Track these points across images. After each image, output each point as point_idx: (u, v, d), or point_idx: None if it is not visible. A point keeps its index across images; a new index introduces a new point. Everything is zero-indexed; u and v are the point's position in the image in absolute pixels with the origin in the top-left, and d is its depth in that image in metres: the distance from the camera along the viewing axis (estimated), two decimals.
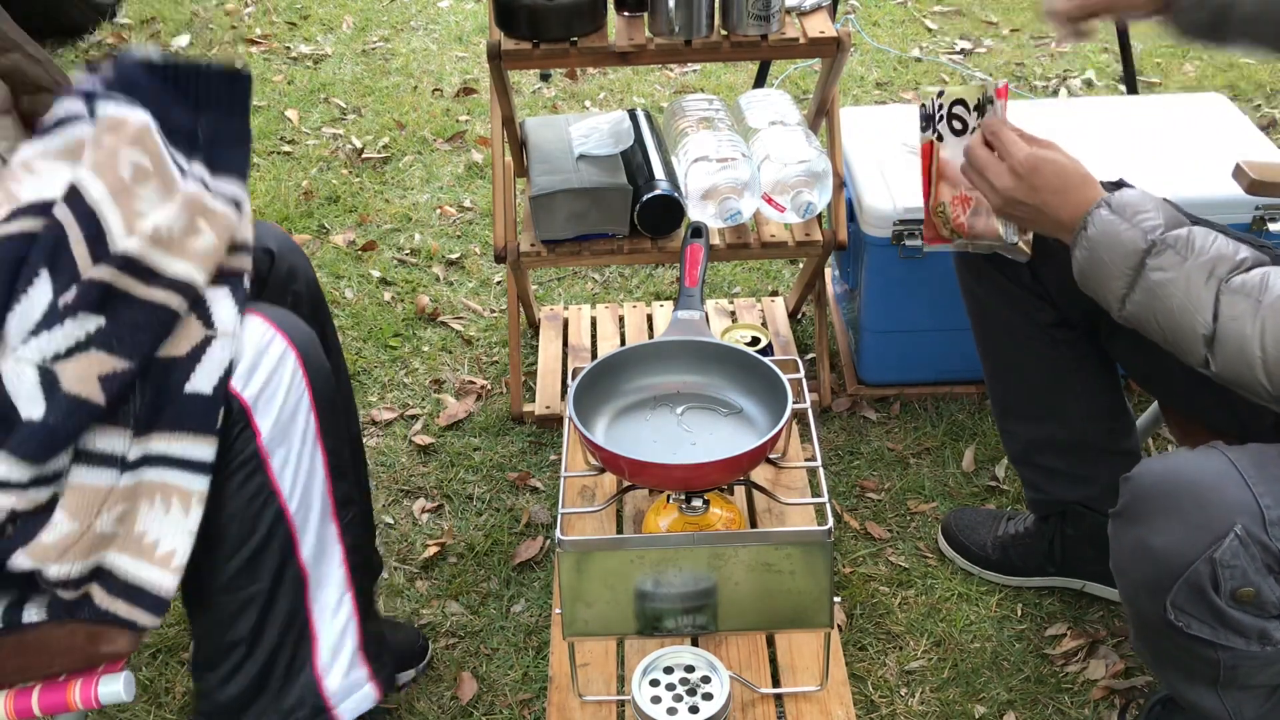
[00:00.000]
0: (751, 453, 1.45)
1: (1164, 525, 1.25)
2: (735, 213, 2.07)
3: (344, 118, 3.53)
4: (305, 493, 1.32)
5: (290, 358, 1.29)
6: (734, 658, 1.58)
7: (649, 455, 1.49)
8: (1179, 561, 1.24)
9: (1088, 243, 1.35)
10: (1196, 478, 1.25)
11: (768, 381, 1.55)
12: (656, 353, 1.63)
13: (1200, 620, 1.27)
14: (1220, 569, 1.22)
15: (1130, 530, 1.29)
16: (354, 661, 1.40)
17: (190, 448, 1.21)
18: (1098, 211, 1.35)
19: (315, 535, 1.34)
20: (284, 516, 1.30)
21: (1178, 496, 1.25)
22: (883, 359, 2.36)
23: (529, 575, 2.02)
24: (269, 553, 1.30)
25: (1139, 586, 1.30)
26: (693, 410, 1.60)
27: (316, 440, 1.33)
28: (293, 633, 1.35)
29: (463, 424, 2.36)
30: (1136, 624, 1.38)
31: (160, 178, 1.25)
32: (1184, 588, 1.24)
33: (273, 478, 1.28)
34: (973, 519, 2.01)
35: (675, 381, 1.63)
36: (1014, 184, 1.41)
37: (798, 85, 3.66)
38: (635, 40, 1.95)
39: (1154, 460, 1.31)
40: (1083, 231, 1.36)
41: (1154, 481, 1.28)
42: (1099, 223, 1.34)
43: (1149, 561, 1.27)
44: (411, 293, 2.74)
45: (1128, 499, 1.30)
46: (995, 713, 1.76)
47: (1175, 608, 1.26)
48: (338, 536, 1.37)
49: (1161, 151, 2.27)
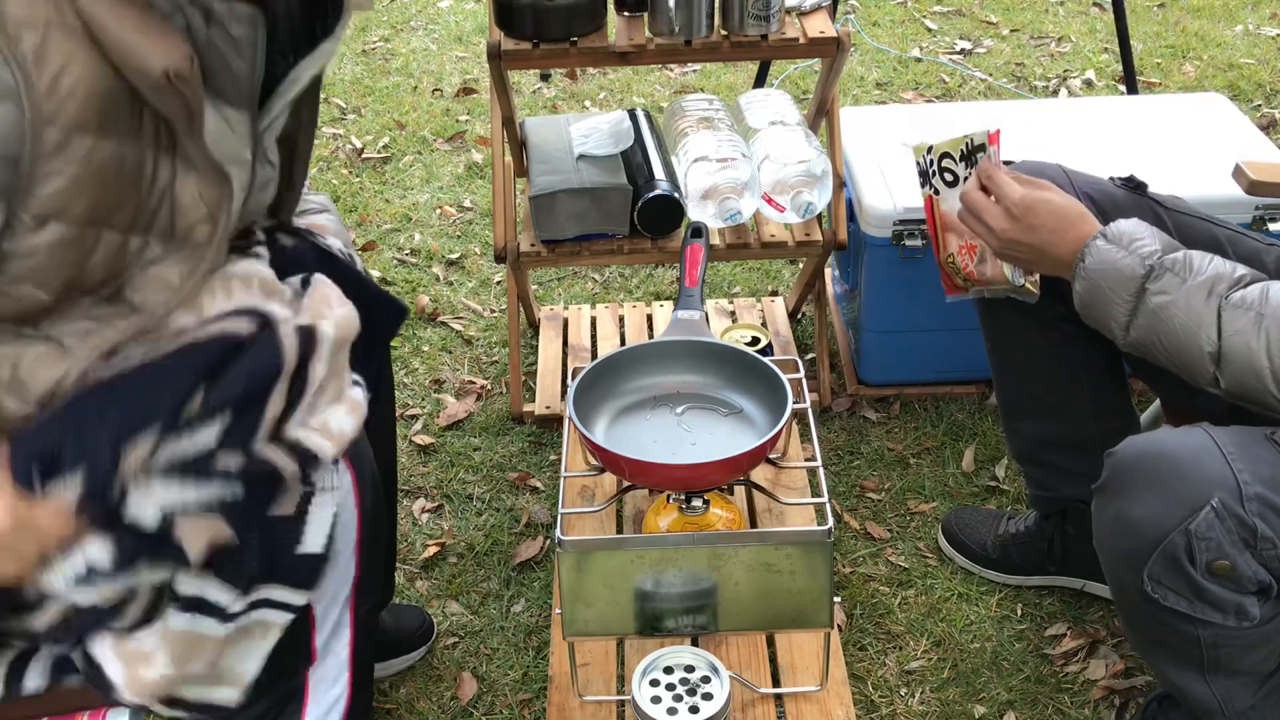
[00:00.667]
0: (751, 453, 1.45)
1: (1143, 497, 1.27)
2: (735, 213, 2.07)
3: (344, 118, 3.53)
4: (334, 596, 1.29)
5: (347, 484, 1.24)
6: (734, 658, 1.58)
7: (649, 455, 1.49)
8: (1156, 533, 1.26)
9: (1086, 274, 1.37)
10: (1177, 452, 1.27)
11: (768, 381, 1.55)
12: (656, 353, 1.63)
13: (1176, 593, 1.29)
14: (1196, 541, 1.24)
15: (1111, 504, 1.32)
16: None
17: (292, 596, 1.19)
18: (1094, 243, 1.37)
19: (330, 627, 1.31)
20: (309, 615, 1.26)
21: (1157, 469, 1.27)
22: (883, 359, 2.36)
23: (529, 575, 2.02)
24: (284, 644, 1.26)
25: (1118, 559, 1.33)
26: (692, 410, 1.60)
27: (353, 556, 1.28)
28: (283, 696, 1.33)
29: (463, 424, 2.36)
30: (1120, 601, 1.41)
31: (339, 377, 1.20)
32: (1160, 559, 1.27)
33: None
34: (973, 518, 2.01)
35: (675, 381, 1.63)
36: (1010, 225, 1.43)
37: (798, 85, 3.66)
38: (635, 40, 1.95)
39: (1137, 436, 1.34)
40: (1080, 264, 1.38)
41: (1136, 455, 1.30)
42: (1096, 253, 1.36)
43: (1128, 534, 1.29)
44: (411, 293, 2.74)
45: (1109, 473, 1.33)
46: (995, 713, 1.76)
47: (1152, 579, 1.29)
48: (350, 623, 1.34)
49: (1161, 151, 2.27)
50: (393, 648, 1.83)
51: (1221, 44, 3.85)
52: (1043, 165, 1.62)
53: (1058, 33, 3.96)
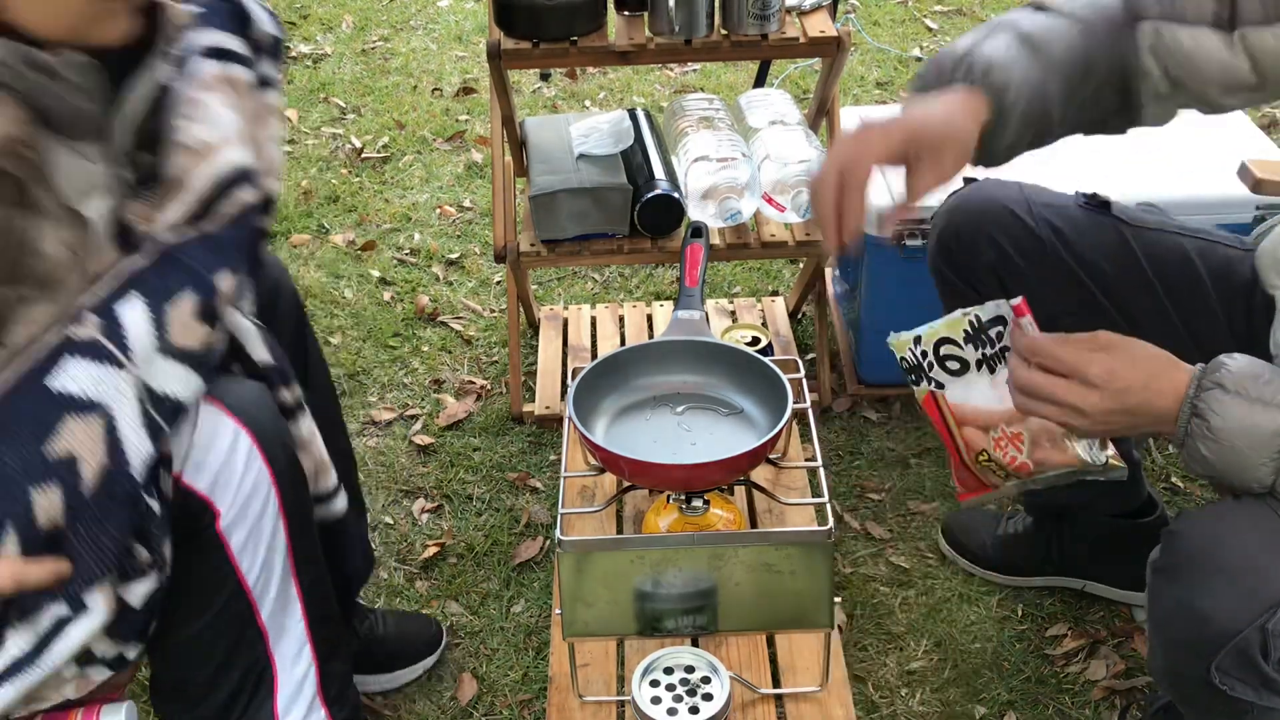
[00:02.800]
0: (751, 453, 1.44)
1: (1212, 588, 1.20)
2: (735, 213, 2.07)
3: (344, 117, 3.53)
4: (266, 566, 1.33)
5: (244, 442, 1.28)
6: (734, 658, 1.58)
7: (649, 455, 1.49)
8: (1228, 627, 1.19)
9: (1213, 434, 1.19)
10: (1248, 539, 1.20)
11: (768, 381, 1.55)
12: (657, 352, 1.63)
13: (1244, 683, 1.23)
14: (1271, 638, 1.18)
15: (1174, 588, 1.24)
16: (313, 705, 1.41)
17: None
18: (1211, 395, 1.19)
19: (275, 597, 1.35)
20: (243, 590, 1.31)
21: (1228, 559, 1.20)
22: (883, 359, 2.32)
23: (529, 575, 2.02)
24: (227, 622, 1.32)
25: (1181, 646, 1.25)
26: (693, 410, 1.60)
27: (279, 515, 1.33)
28: (252, 676, 1.36)
29: (462, 424, 2.36)
30: (1169, 673, 1.32)
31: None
32: (1232, 654, 1.20)
33: (232, 557, 1.29)
34: (973, 519, 2.01)
35: (675, 381, 1.62)
36: (1099, 398, 1.22)
37: (798, 85, 3.66)
38: (635, 40, 1.95)
39: (1199, 516, 1.27)
40: (1199, 423, 1.19)
41: (1202, 541, 1.22)
42: (1221, 409, 1.18)
43: (1194, 623, 1.21)
44: (411, 292, 2.74)
45: (1171, 555, 1.25)
46: (996, 713, 1.76)
47: (1220, 671, 1.22)
48: (298, 595, 1.38)
49: (1162, 151, 2.26)
50: (396, 657, 1.81)
51: None
52: (1002, 184, 1.58)
53: None
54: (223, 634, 1.33)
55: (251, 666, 1.36)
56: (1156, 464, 2.21)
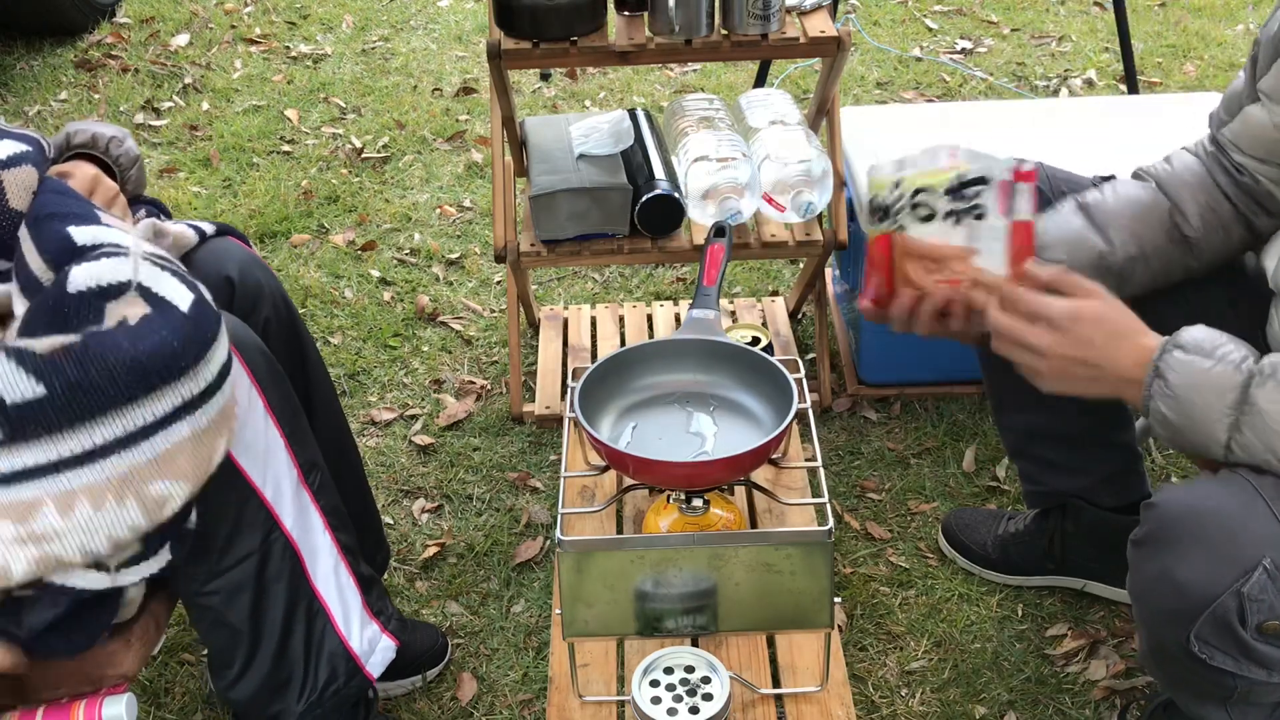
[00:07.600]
0: (755, 451, 1.44)
1: (1189, 556, 1.22)
2: (735, 213, 2.07)
3: (344, 117, 3.53)
4: (273, 470, 1.36)
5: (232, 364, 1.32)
6: (734, 658, 1.58)
7: (653, 453, 1.49)
8: (1205, 594, 1.21)
9: (1172, 391, 1.23)
10: (1223, 508, 1.22)
11: (773, 381, 1.55)
12: (660, 351, 1.63)
13: (1224, 652, 1.24)
14: (1248, 603, 1.20)
15: (1153, 559, 1.26)
16: (364, 619, 1.46)
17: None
18: (1170, 357, 1.23)
19: (293, 506, 1.38)
20: (255, 493, 1.34)
21: (1203, 527, 1.22)
22: (883, 359, 2.35)
23: (529, 575, 2.02)
24: (250, 528, 1.34)
25: (1161, 616, 1.27)
26: (697, 409, 1.60)
27: (268, 415, 1.37)
28: (300, 610, 1.39)
29: (463, 424, 2.36)
30: (1153, 649, 1.35)
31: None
32: (1210, 621, 1.22)
33: (235, 460, 1.31)
34: (973, 518, 2.01)
35: (680, 380, 1.62)
36: (1059, 340, 1.26)
37: (798, 85, 3.66)
38: (635, 40, 1.95)
39: (1177, 488, 1.28)
40: (1159, 381, 1.23)
41: (1179, 511, 1.24)
42: (1178, 367, 1.22)
43: (1173, 593, 1.24)
44: (411, 292, 2.74)
45: (1150, 527, 1.27)
46: (996, 713, 1.76)
47: (1199, 640, 1.24)
48: (312, 502, 1.41)
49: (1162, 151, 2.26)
50: (400, 668, 1.78)
51: (1222, 43, 3.85)
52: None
53: (1058, 32, 3.95)
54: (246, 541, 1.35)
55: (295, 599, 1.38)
56: (1156, 464, 2.21)
